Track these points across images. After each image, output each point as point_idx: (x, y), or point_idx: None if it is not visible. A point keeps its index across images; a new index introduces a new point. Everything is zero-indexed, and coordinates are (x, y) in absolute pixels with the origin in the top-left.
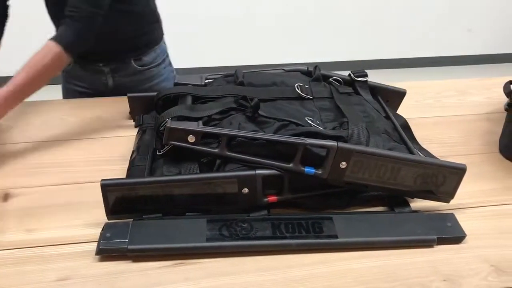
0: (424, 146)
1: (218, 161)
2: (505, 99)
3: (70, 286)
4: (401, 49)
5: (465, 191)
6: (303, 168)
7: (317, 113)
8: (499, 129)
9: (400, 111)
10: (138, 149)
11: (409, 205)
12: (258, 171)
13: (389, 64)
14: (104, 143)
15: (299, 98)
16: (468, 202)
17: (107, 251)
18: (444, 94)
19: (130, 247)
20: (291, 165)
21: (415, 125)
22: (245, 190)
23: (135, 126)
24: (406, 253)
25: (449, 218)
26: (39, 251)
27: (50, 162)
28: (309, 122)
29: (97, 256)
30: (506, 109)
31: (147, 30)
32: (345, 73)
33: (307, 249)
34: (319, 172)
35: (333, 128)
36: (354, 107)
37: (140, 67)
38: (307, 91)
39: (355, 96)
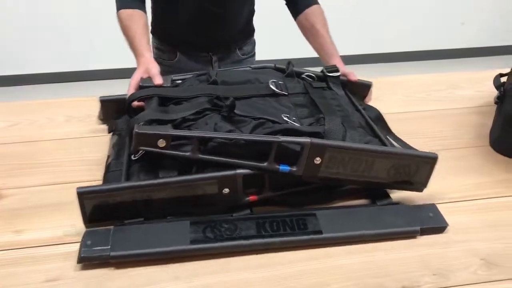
0: (414, 140)
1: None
2: (495, 92)
3: (59, 287)
4: (393, 43)
5: (455, 184)
6: (278, 166)
7: (293, 109)
8: (489, 123)
9: (391, 104)
10: (113, 154)
11: (390, 197)
12: (238, 171)
13: (380, 59)
14: (94, 143)
15: (274, 94)
16: (458, 196)
17: (89, 259)
18: (434, 88)
19: (112, 253)
20: (265, 164)
21: (405, 119)
22: (226, 190)
23: (109, 132)
24: (395, 248)
25: (431, 209)
26: (28, 252)
27: (40, 162)
28: (286, 119)
29: None
30: (495, 102)
31: (251, 19)
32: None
33: (294, 246)
34: (294, 169)
35: (310, 124)
36: (329, 102)
37: (242, 56)
38: (282, 87)
39: (329, 91)
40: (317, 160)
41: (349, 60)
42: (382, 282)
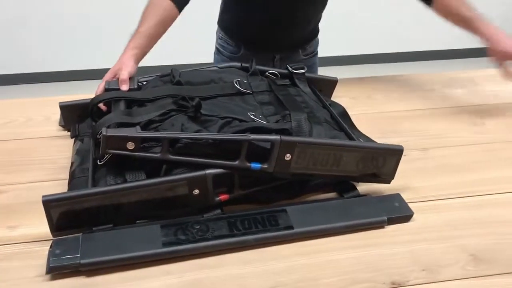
0: (408, 138)
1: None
2: (488, 91)
3: (52, 281)
4: (387, 43)
5: (446, 182)
6: (249, 164)
7: (259, 107)
8: (483, 121)
9: (386, 103)
10: (77, 160)
11: (357, 190)
12: (207, 171)
13: (374, 59)
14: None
15: (239, 93)
16: (448, 193)
17: (59, 269)
18: (428, 87)
19: (82, 261)
20: (237, 162)
21: (400, 117)
22: (196, 191)
23: (71, 137)
24: (385, 243)
25: (396, 198)
26: (21, 247)
27: (33, 159)
28: (252, 117)
29: None
30: None
31: (318, 19)
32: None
33: (266, 243)
34: (265, 166)
35: (276, 121)
36: (294, 99)
37: (304, 56)
38: (246, 86)
39: (293, 88)
40: (287, 157)
41: (344, 61)
42: (372, 277)
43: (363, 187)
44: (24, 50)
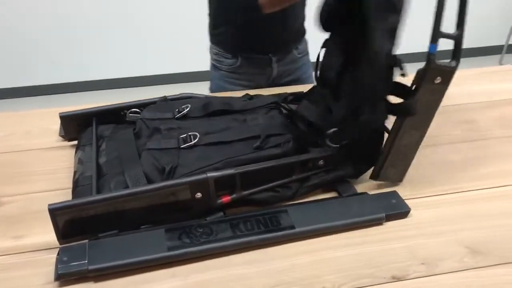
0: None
1: (167, 168)
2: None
3: (61, 287)
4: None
5: (440, 178)
6: None
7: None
8: (474, 118)
9: None
10: (80, 169)
11: (354, 188)
12: (209, 174)
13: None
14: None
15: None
16: (442, 189)
17: (67, 275)
18: None
19: (90, 267)
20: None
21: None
22: (199, 195)
23: (68, 140)
24: (384, 240)
25: (393, 196)
26: (28, 256)
27: (35, 170)
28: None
29: None
30: None
31: (304, 15)
32: None
33: (269, 243)
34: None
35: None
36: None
37: (298, 55)
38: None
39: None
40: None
41: None
42: (372, 272)
43: (360, 186)
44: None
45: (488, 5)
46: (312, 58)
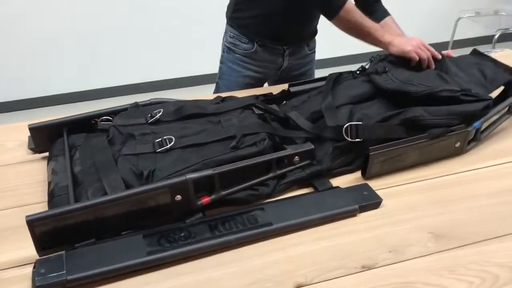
0: None
1: (145, 172)
2: None
3: None
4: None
5: (402, 170)
6: None
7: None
8: None
9: None
10: (55, 179)
11: (329, 182)
12: (188, 176)
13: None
14: (44, 165)
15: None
16: (405, 178)
17: (46, 287)
18: None
19: (69, 277)
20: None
21: None
22: (178, 197)
23: (36, 149)
24: (353, 231)
25: (365, 188)
26: (5, 273)
27: (7, 186)
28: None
29: None
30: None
31: (319, 15)
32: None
33: (247, 241)
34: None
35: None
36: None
37: (308, 51)
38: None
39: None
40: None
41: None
42: (344, 263)
43: (334, 180)
44: None
45: (433, 1)
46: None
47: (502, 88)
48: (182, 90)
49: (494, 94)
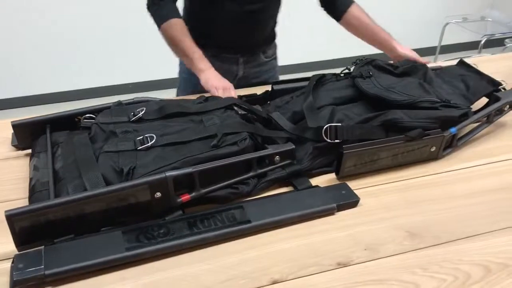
0: None
1: (125, 169)
2: None
3: None
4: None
5: (380, 170)
6: None
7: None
8: None
9: None
10: (36, 175)
11: (309, 182)
12: (168, 173)
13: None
14: (27, 162)
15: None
16: (383, 179)
17: (23, 282)
18: None
19: (47, 272)
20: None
21: None
22: (158, 195)
23: (20, 146)
24: (328, 229)
25: (343, 187)
26: None
27: None
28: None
29: None
30: None
31: (275, 22)
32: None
33: (225, 238)
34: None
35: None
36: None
37: (265, 59)
38: None
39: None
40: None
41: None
42: (319, 261)
43: (313, 179)
44: None
45: (421, 6)
46: (280, 62)
47: (486, 100)
48: (168, 91)
49: (479, 105)
